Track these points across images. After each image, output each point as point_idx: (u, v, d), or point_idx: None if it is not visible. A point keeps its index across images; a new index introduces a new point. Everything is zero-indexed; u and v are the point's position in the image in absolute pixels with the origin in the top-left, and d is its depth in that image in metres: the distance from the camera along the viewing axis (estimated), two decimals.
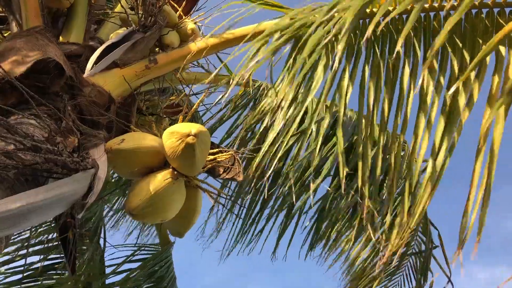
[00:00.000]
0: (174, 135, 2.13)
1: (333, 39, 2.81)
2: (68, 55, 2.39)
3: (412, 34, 2.54)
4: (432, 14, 2.56)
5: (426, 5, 2.51)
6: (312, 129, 3.61)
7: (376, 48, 2.67)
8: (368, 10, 2.70)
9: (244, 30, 2.94)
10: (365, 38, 1.77)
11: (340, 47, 1.97)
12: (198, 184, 2.38)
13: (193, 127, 2.10)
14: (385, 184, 3.47)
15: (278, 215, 3.84)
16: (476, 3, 2.41)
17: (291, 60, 2.84)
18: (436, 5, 2.51)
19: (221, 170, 2.50)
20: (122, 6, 2.94)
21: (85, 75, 2.29)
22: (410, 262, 4.01)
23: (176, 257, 4.83)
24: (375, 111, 2.49)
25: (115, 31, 3.05)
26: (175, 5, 3.21)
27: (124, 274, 4.44)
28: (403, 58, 2.52)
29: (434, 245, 3.80)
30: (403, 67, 2.51)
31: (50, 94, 2.14)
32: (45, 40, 2.23)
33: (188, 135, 2.08)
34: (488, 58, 2.21)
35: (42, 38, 2.24)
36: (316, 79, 2.72)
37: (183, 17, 3.22)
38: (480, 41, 2.38)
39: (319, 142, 2.76)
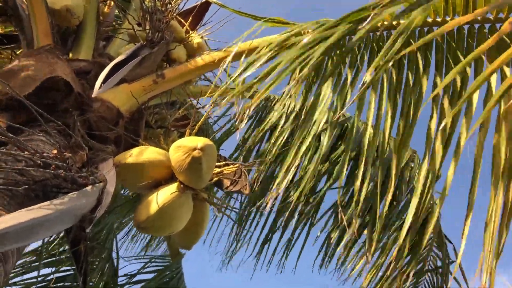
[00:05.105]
0: (181, 149, 2.16)
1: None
2: (77, 72, 2.45)
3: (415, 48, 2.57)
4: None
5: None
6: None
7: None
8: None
9: (249, 44, 2.98)
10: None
11: None
12: (205, 197, 2.41)
13: (200, 141, 2.13)
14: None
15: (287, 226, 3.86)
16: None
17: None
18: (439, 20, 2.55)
19: (228, 182, 2.53)
20: (129, 22, 3.00)
21: (94, 93, 2.34)
22: (427, 280, 3.86)
23: (186, 268, 4.87)
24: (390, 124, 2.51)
25: (124, 47, 3.12)
26: (182, 20, 3.26)
27: (135, 286, 4.48)
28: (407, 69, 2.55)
29: (450, 260, 3.70)
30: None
31: (59, 111, 2.19)
32: (54, 58, 2.29)
33: (195, 149, 2.11)
34: None
35: (51, 56, 2.30)
36: (323, 91, 2.76)
37: (190, 31, 3.27)
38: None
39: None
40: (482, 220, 2.00)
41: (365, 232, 3.51)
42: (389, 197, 2.39)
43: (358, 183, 2.57)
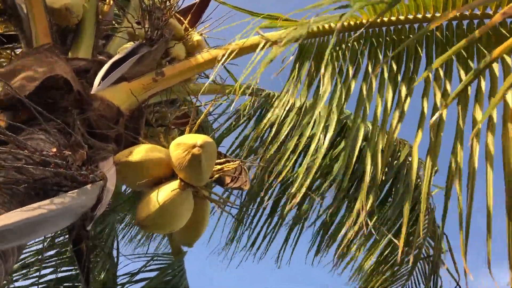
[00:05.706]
0: (181, 147, 2.17)
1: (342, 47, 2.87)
2: (77, 71, 2.45)
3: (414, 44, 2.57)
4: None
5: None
6: (320, 136, 3.65)
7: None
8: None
9: (248, 41, 2.98)
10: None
11: None
12: (206, 194, 2.41)
13: (199, 139, 2.13)
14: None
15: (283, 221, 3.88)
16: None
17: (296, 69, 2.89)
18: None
19: (228, 179, 2.53)
20: (128, 21, 3.00)
21: (93, 91, 2.34)
22: (418, 267, 3.95)
23: (188, 266, 4.88)
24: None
25: (123, 46, 3.12)
26: (181, 18, 3.27)
27: (137, 284, 4.49)
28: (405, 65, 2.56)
29: (442, 250, 3.77)
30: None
31: (59, 109, 2.19)
32: (54, 57, 2.29)
33: (194, 146, 2.11)
34: None
35: (51, 55, 2.30)
36: (324, 87, 2.76)
37: (189, 29, 3.27)
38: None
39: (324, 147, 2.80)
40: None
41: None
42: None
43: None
